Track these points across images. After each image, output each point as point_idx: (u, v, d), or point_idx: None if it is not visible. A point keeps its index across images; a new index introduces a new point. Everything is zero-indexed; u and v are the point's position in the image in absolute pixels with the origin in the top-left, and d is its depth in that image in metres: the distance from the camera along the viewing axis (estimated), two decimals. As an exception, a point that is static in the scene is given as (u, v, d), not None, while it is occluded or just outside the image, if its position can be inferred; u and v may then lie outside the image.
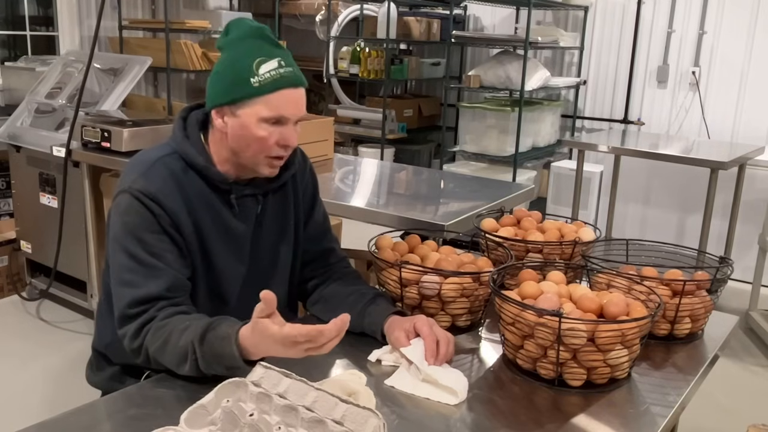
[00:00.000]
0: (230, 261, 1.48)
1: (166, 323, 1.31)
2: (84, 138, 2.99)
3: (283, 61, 1.38)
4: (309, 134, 2.98)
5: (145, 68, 3.50)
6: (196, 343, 1.24)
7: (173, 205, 1.38)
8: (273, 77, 1.36)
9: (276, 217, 1.55)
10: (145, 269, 1.34)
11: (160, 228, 1.36)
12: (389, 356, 1.40)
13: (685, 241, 4.44)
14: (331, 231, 1.70)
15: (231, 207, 1.47)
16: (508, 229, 1.77)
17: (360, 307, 1.50)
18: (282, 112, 1.38)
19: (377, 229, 1.81)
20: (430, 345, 1.35)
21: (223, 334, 1.23)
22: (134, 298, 1.33)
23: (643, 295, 1.42)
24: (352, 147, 5.31)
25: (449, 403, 1.24)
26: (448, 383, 1.27)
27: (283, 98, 1.38)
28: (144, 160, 1.43)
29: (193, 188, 1.42)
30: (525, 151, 4.57)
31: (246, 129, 1.39)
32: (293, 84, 1.39)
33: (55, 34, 4.68)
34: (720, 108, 4.51)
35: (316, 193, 1.67)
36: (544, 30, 4.65)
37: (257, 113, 1.37)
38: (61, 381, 2.84)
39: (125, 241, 1.36)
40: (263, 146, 1.40)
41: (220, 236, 1.45)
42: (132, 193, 1.37)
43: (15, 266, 3.66)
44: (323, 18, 5.31)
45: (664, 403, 1.28)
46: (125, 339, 1.35)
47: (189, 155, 1.43)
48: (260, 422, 1.04)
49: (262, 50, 1.38)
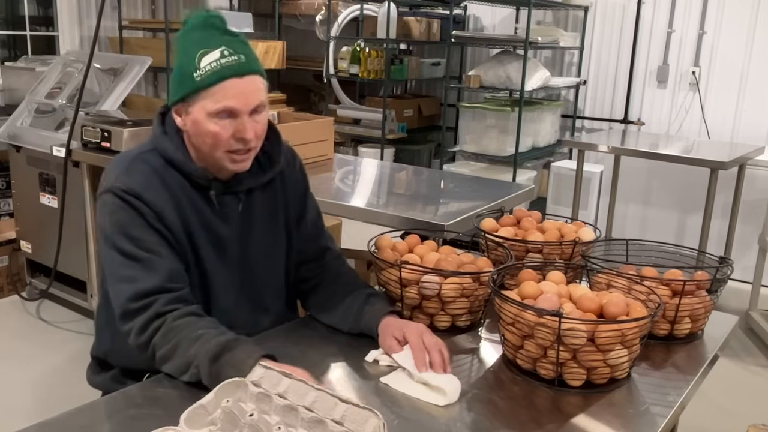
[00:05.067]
0: (218, 266, 1.45)
1: (176, 326, 1.29)
2: (84, 138, 2.99)
3: (227, 50, 1.32)
4: (309, 134, 2.99)
5: (145, 68, 3.50)
6: (205, 361, 1.22)
7: (157, 200, 1.36)
8: (213, 69, 1.31)
9: (264, 218, 1.52)
10: (141, 264, 1.32)
11: (146, 223, 1.34)
12: (386, 357, 1.40)
13: (685, 241, 4.43)
14: (325, 228, 1.67)
15: (211, 204, 1.44)
16: (508, 229, 1.77)
17: (356, 308, 1.49)
18: (227, 103, 1.32)
19: (377, 229, 1.81)
20: (419, 355, 1.33)
21: (237, 362, 1.20)
22: (135, 292, 1.31)
23: (642, 295, 1.42)
24: (352, 147, 5.31)
25: (438, 404, 1.24)
26: (439, 384, 1.27)
27: (226, 90, 1.32)
28: (124, 158, 1.42)
29: (175, 184, 1.40)
30: (525, 151, 4.57)
31: (198, 125, 1.35)
32: (237, 73, 1.32)
33: (55, 34, 4.68)
34: (720, 108, 4.51)
35: (308, 191, 1.63)
36: (544, 30, 4.65)
37: (204, 108, 1.33)
38: (61, 381, 2.84)
39: (116, 239, 1.34)
40: (218, 141, 1.35)
41: (207, 237, 1.43)
42: (114, 191, 1.35)
43: (15, 266, 3.66)
44: (323, 18, 5.31)
45: (663, 403, 1.28)
46: (131, 334, 1.32)
47: (167, 151, 1.41)
48: (260, 422, 1.04)
49: (206, 41, 1.33)
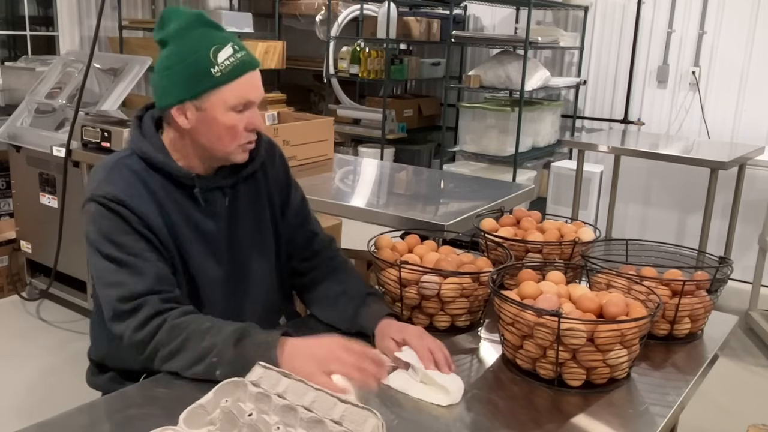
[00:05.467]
0: (206, 262, 1.45)
1: (182, 322, 1.29)
2: (84, 138, 2.99)
3: (236, 45, 1.36)
4: (309, 134, 2.99)
5: (145, 68, 3.50)
6: (228, 346, 1.24)
7: (140, 205, 1.35)
8: (233, 63, 1.35)
9: (249, 211, 1.53)
10: (129, 269, 1.32)
11: (132, 229, 1.34)
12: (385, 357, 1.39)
13: (685, 241, 4.43)
14: (311, 214, 1.68)
15: (196, 202, 1.44)
16: (507, 229, 1.77)
17: (352, 309, 1.49)
18: (248, 96, 1.37)
19: (377, 229, 1.81)
20: (425, 354, 1.33)
21: (260, 340, 1.25)
22: (124, 295, 1.31)
23: (642, 295, 1.42)
24: (352, 147, 5.31)
25: (441, 404, 1.24)
26: (444, 383, 1.27)
27: (246, 83, 1.37)
28: (104, 166, 1.41)
29: (158, 187, 1.39)
30: (525, 151, 4.57)
31: (215, 121, 1.37)
32: (252, 67, 1.38)
33: (55, 34, 4.68)
34: (720, 108, 4.51)
35: (290, 179, 1.64)
36: (544, 30, 4.65)
37: (225, 102, 1.35)
38: (61, 381, 2.84)
39: (102, 246, 1.33)
40: (234, 134, 1.38)
41: (193, 236, 1.43)
42: (96, 200, 1.35)
43: (15, 266, 3.66)
44: (323, 18, 5.31)
45: (663, 403, 1.28)
46: (126, 333, 1.31)
47: (147, 153, 1.40)
48: (259, 422, 1.04)
49: (214, 37, 1.35)
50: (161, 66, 1.38)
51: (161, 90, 1.38)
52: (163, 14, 1.39)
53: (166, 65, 1.37)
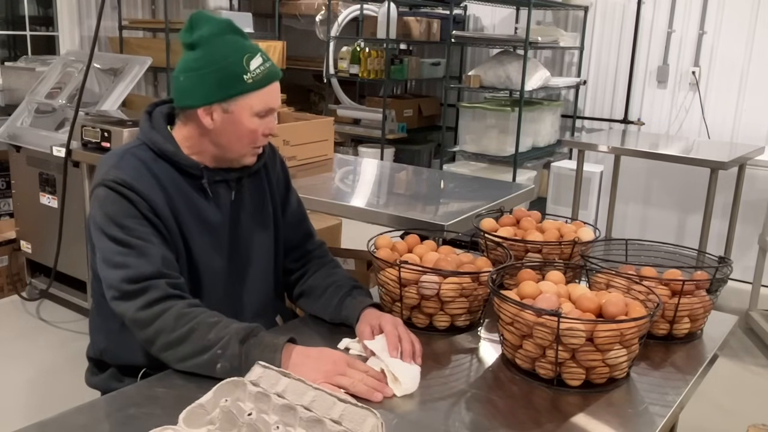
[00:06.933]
0: (209, 252, 1.48)
1: (191, 312, 1.30)
2: (84, 138, 2.99)
3: (264, 55, 1.44)
4: (309, 134, 2.99)
5: (145, 68, 3.50)
6: (235, 341, 1.25)
7: (149, 191, 1.39)
8: (263, 72, 1.43)
9: (253, 206, 1.57)
10: (135, 251, 1.34)
11: (139, 213, 1.37)
12: (357, 345, 1.43)
13: (685, 241, 4.43)
14: (306, 216, 1.74)
15: (204, 193, 1.48)
16: (507, 229, 1.77)
17: (337, 299, 1.53)
18: (271, 104, 1.46)
19: (377, 229, 1.81)
20: (392, 340, 1.37)
21: (267, 342, 1.27)
22: (129, 276, 1.31)
23: (642, 295, 1.42)
24: (352, 147, 5.32)
25: (395, 393, 1.26)
26: (398, 373, 1.29)
27: (271, 91, 1.45)
28: (114, 154, 1.45)
29: (165, 176, 1.43)
30: (525, 151, 4.57)
31: (239, 124, 1.43)
32: (278, 77, 1.47)
33: (55, 34, 4.68)
34: (720, 108, 4.51)
35: (289, 181, 1.71)
36: (544, 30, 4.65)
37: (251, 107, 1.43)
38: (61, 381, 2.84)
39: (109, 228, 1.35)
40: (253, 138, 1.46)
41: (198, 226, 1.46)
42: (107, 184, 1.37)
43: (15, 266, 3.66)
44: (323, 18, 5.31)
45: (662, 402, 1.28)
46: (130, 311, 1.31)
47: (157, 143, 1.44)
48: (258, 422, 1.05)
49: (245, 46, 1.43)
50: (188, 67, 1.42)
51: (187, 90, 1.43)
52: (191, 18, 1.43)
53: (193, 67, 1.41)
